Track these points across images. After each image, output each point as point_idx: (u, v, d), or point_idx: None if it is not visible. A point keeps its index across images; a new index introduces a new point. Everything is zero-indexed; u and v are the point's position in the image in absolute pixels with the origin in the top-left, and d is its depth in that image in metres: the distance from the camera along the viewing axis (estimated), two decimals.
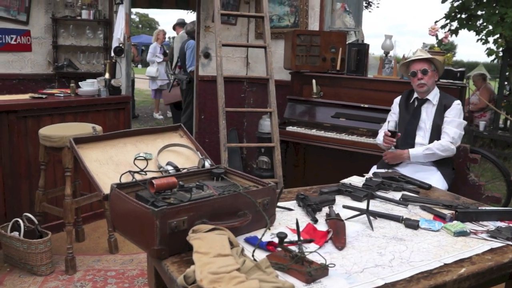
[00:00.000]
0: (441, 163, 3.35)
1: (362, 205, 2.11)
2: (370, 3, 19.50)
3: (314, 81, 4.60)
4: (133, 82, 10.05)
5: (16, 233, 3.33)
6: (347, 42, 4.86)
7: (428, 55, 3.43)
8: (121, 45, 4.43)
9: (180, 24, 7.93)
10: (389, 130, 3.25)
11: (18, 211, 3.67)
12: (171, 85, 8.09)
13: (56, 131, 3.34)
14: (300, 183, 4.81)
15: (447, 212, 2.08)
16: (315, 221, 1.89)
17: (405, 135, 3.43)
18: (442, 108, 3.37)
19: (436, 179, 3.22)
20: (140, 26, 41.28)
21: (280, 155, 4.07)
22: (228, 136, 4.59)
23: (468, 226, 1.94)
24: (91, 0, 5.44)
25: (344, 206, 2.10)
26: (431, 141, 3.34)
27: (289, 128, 4.53)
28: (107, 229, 3.74)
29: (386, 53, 4.54)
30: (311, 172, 4.86)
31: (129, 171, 1.84)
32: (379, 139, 3.54)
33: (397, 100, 3.66)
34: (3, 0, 4.93)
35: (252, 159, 5.64)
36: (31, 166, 3.79)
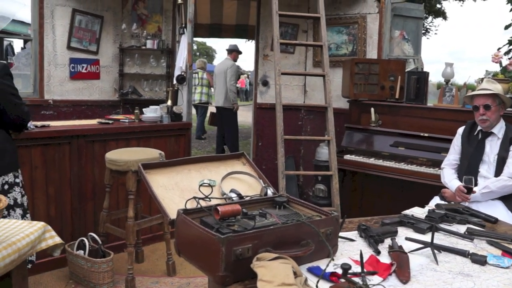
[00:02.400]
0: (506, 197, 3.23)
1: (425, 237, 2.06)
2: (428, 30, 19.22)
3: (372, 109, 4.57)
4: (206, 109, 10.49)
5: (81, 252, 3.48)
6: (406, 70, 4.82)
7: (495, 86, 3.30)
8: (183, 73, 4.58)
9: (231, 51, 8.07)
10: (464, 186, 3.13)
11: (83, 231, 3.84)
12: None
13: (121, 156, 3.48)
14: (357, 212, 4.75)
15: None
16: (378, 252, 1.87)
17: (468, 169, 3.33)
18: (507, 141, 3.25)
19: (502, 214, 3.09)
20: (198, 53, 42.44)
21: (338, 184, 4.04)
22: (285, 163, 4.62)
23: None
24: (156, 31, 5.69)
25: (407, 238, 2.07)
26: (497, 174, 3.23)
27: (347, 157, 4.51)
28: (165, 251, 3.81)
29: (447, 81, 4.46)
30: (368, 201, 4.79)
31: (194, 197, 1.89)
32: (446, 182, 3.43)
33: (460, 131, 3.55)
34: (78, 32, 5.26)
35: (309, 187, 5.63)
36: (96, 188, 3.96)
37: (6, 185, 2.78)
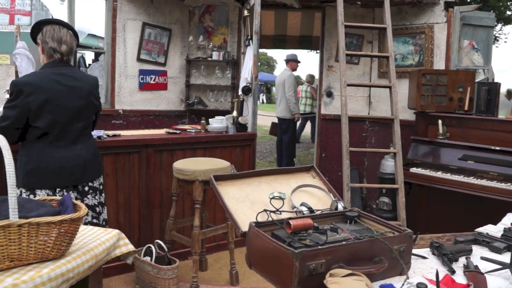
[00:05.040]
0: None
1: (502, 257, 1.98)
2: (497, 38, 18.47)
3: (440, 121, 4.45)
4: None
5: (148, 258, 3.57)
6: (475, 81, 4.67)
7: None
8: (248, 84, 4.64)
9: (288, 61, 8.06)
10: None
11: (150, 237, 3.95)
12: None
13: (188, 165, 3.55)
14: (422, 227, 4.62)
15: None
16: (453, 272, 1.81)
17: None
18: None
19: None
20: (259, 64, 42.87)
21: (404, 197, 3.96)
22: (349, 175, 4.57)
23: None
24: (221, 43, 5.81)
25: (483, 258, 1.99)
26: None
27: (413, 170, 4.41)
28: (229, 260, 3.85)
29: None
30: (435, 216, 4.65)
31: (265, 210, 1.91)
32: None
33: None
34: (147, 45, 5.47)
35: (372, 199, 5.54)
36: (163, 197, 4.07)
37: (100, 185, 3.01)
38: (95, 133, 3.62)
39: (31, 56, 3.45)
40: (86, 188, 2.88)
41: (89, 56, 10.53)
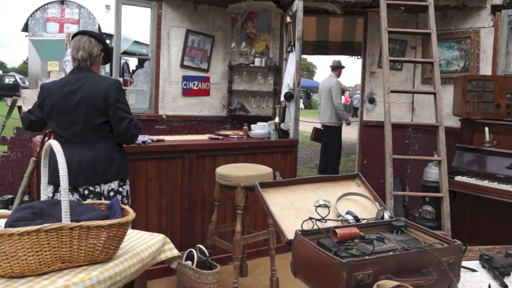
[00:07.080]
0: None
1: None
2: None
3: (486, 128, 4.34)
4: None
5: (189, 262, 3.61)
6: None
7: None
8: (291, 90, 4.64)
9: (336, 67, 7.94)
10: None
11: (191, 242, 4.00)
12: None
13: (231, 171, 3.57)
14: (466, 237, 4.50)
15: None
16: (505, 286, 1.76)
17: None
18: None
19: None
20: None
21: (448, 206, 3.87)
22: None
23: None
24: (263, 49, 5.83)
25: None
26: None
27: (458, 178, 4.30)
28: (269, 267, 3.85)
29: None
30: (480, 227, 4.52)
31: (310, 218, 1.90)
32: None
33: None
34: (190, 51, 5.56)
35: (415, 208, 5.44)
36: (205, 201, 4.11)
37: (111, 192, 2.96)
38: (140, 138, 3.68)
39: None
40: (86, 192, 2.89)
41: (132, 62, 10.80)
